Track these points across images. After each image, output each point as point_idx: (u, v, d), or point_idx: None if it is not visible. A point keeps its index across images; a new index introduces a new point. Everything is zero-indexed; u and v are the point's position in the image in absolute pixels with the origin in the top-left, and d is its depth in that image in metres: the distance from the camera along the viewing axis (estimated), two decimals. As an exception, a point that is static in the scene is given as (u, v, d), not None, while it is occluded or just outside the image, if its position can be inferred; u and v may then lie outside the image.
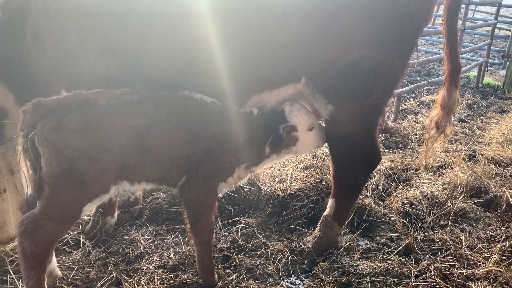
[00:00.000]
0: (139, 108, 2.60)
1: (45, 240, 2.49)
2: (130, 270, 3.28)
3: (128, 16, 2.64)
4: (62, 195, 2.48)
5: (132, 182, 2.70)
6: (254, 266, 3.40)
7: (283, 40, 2.79)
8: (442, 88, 3.42)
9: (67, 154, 2.39)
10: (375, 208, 4.18)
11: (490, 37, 11.26)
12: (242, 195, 4.20)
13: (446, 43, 3.34)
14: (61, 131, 2.38)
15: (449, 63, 3.36)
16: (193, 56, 2.73)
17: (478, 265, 3.47)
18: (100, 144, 2.45)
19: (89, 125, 2.43)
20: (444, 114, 3.35)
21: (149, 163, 2.67)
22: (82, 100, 2.49)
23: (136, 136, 2.55)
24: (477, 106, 8.56)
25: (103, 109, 2.48)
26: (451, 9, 3.26)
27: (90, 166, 2.45)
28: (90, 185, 2.50)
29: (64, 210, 2.52)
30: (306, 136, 3.11)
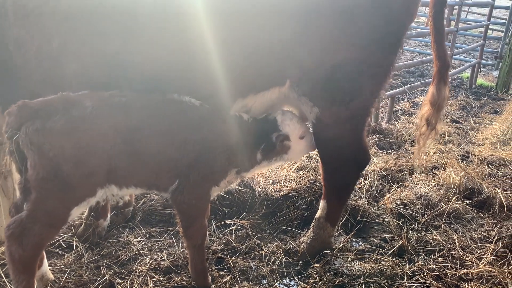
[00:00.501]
0: (127, 111, 2.55)
1: (33, 244, 2.46)
2: (123, 272, 3.25)
3: (111, 19, 2.59)
4: (49, 198, 2.45)
5: (120, 186, 2.66)
6: (248, 268, 3.39)
7: (266, 43, 2.77)
8: (431, 85, 3.43)
9: (52, 156, 2.35)
10: (369, 209, 4.19)
11: (483, 38, 11.34)
12: (236, 196, 4.20)
13: (433, 41, 3.34)
14: (46, 133, 2.34)
15: (437, 60, 3.37)
16: (176, 60, 2.70)
17: (471, 265, 3.48)
18: (85, 147, 2.41)
19: (74, 127, 2.39)
20: (434, 111, 3.35)
21: (137, 167, 2.63)
22: (67, 102, 2.45)
23: (123, 139, 2.51)
24: (471, 107, 8.60)
25: (89, 111, 2.44)
26: (437, 7, 3.26)
27: (75, 169, 2.41)
28: (76, 188, 2.47)
29: (51, 214, 2.49)
30: (297, 144, 3.13)
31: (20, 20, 2.60)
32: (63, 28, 2.60)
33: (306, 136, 3.17)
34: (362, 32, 2.88)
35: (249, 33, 2.73)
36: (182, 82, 2.78)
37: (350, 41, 2.88)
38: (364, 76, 3.00)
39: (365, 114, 3.21)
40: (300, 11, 2.75)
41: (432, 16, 3.28)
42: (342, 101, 3.01)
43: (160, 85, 2.74)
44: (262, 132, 3.02)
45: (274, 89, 3.02)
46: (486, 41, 11.62)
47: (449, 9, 13.20)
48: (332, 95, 2.99)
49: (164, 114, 2.68)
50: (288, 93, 3.07)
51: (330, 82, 2.95)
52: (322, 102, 3.04)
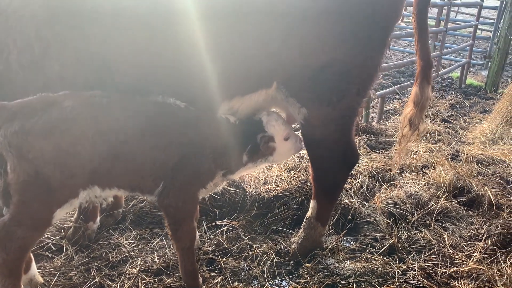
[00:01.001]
0: (108, 112, 2.51)
1: (17, 247, 2.42)
2: (114, 274, 3.23)
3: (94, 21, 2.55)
4: (31, 201, 2.41)
5: (103, 188, 2.61)
6: (239, 269, 3.39)
7: (252, 45, 2.75)
8: (414, 84, 3.44)
9: (32, 159, 2.32)
10: (360, 208, 4.20)
11: (472, 38, 11.44)
12: (227, 197, 4.18)
13: (417, 40, 3.36)
14: (25, 135, 2.30)
15: (420, 59, 3.37)
16: (161, 62, 2.67)
17: (461, 263, 3.51)
18: (66, 148, 2.37)
19: (53, 128, 2.35)
20: (417, 111, 3.36)
21: (120, 168, 2.59)
22: (47, 102, 2.40)
23: (105, 141, 2.47)
24: (460, 106, 8.68)
25: (68, 111, 2.39)
26: (420, 6, 3.27)
27: (56, 170, 2.37)
28: (57, 190, 2.43)
29: (34, 216, 2.45)
30: (282, 146, 3.11)
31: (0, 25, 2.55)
32: (44, 31, 2.55)
33: (291, 138, 3.15)
34: (348, 33, 2.88)
35: (235, 35, 2.71)
36: (168, 84, 2.75)
37: (336, 41, 2.88)
38: (351, 76, 3.00)
39: (353, 114, 3.22)
40: (285, 13, 2.74)
41: (415, 15, 3.29)
42: (329, 102, 3.02)
43: (145, 87, 2.71)
44: (248, 133, 3.00)
45: (261, 91, 3.01)
46: (475, 41, 11.72)
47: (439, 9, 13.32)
48: (319, 96, 3.00)
49: (147, 116, 2.63)
50: (275, 95, 3.07)
51: (318, 82, 2.96)
52: (309, 103, 3.04)
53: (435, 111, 7.98)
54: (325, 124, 3.13)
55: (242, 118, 3.07)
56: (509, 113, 7.00)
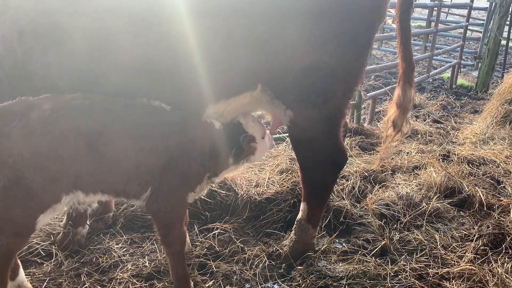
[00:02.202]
0: (90, 114, 2.45)
1: (1, 254, 2.38)
2: (104, 280, 3.20)
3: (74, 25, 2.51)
4: (12, 207, 2.35)
5: (87, 193, 2.56)
6: (231, 272, 3.37)
7: (235, 47, 2.73)
8: (397, 87, 3.44)
9: (12, 163, 2.26)
10: (352, 210, 4.20)
11: (462, 39, 11.53)
12: (218, 200, 4.16)
13: (399, 42, 3.34)
14: (3, 140, 2.25)
15: (403, 61, 3.37)
16: (146, 64, 2.64)
17: (453, 264, 3.52)
18: (46, 152, 2.32)
19: (32, 131, 2.29)
20: (400, 113, 3.36)
21: (103, 172, 2.54)
22: (26, 106, 2.35)
23: (87, 143, 2.41)
24: (451, 107, 8.73)
25: (48, 113, 2.33)
26: (403, 7, 3.26)
27: (37, 175, 2.32)
28: (39, 195, 2.37)
29: (16, 223, 2.39)
30: (261, 144, 3.16)
31: None
32: (25, 36, 2.51)
33: (266, 136, 3.22)
34: (331, 34, 2.87)
35: (219, 37, 2.68)
36: (152, 88, 2.71)
37: (319, 43, 2.87)
38: (336, 77, 3.00)
39: (339, 116, 3.21)
40: (268, 14, 2.72)
41: (398, 16, 3.28)
42: (315, 103, 3.01)
43: (129, 91, 2.67)
44: (231, 136, 3.01)
45: (246, 94, 2.99)
46: (465, 42, 11.82)
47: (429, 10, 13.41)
48: (304, 98, 2.99)
49: (131, 118, 2.58)
50: (260, 97, 3.06)
51: (302, 84, 2.95)
52: (295, 105, 3.03)
53: (426, 111, 8.03)
54: (311, 125, 3.13)
55: (223, 122, 3.07)
56: (499, 113, 7.05)
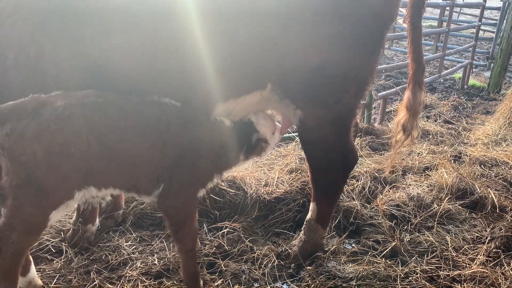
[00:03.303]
0: (102, 111, 2.45)
1: (13, 252, 2.38)
2: (113, 277, 3.21)
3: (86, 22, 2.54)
4: (25, 205, 2.36)
5: (99, 188, 2.57)
6: (240, 272, 3.36)
7: (246, 47, 2.73)
8: (406, 89, 3.39)
9: (24, 162, 2.27)
10: (362, 210, 4.17)
11: (475, 39, 11.40)
12: (228, 199, 4.16)
13: (410, 42, 3.28)
14: (16, 138, 2.25)
15: (413, 62, 3.30)
16: (155, 63, 2.64)
17: (464, 266, 3.47)
18: (58, 149, 2.32)
19: (44, 129, 2.29)
20: (410, 116, 3.30)
21: (115, 169, 2.55)
22: (38, 103, 2.35)
23: (98, 140, 2.42)
24: (463, 108, 8.64)
25: (60, 111, 2.33)
26: (415, 7, 3.21)
27: (49, 172, 2.32)
28: (52, 193, 2.38)
29: (28, 220, 2.40)
30: (272, 140, 3.22)
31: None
32: (38, 35, 2.53)
33: (276, 130, 3.27)
34: (342, 34, 2.85)
35: (229, 36, 2.68)
36: (161, 86, 2.72)
37: (330, 43, 2.85)
38: (347, 77, 2.97)
39: (350, 116, 3.18)
40: (280, 14, 2.72)
41: (410, 16, 3.23)
42: (325, 104, 2.99)
43: (139, 89, 2.68)
44: (242, 134, 3.03)
45: (256, 93, 2.98)
46: (477, 42, 11.69)
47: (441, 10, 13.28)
48: (314, 98, 2.97)
49: (142, 115, 2.59)
50: (269, 96, 3.04)
51: (312, 84, 2.93)
52: (304, 105, 3.02)
53: (437, 112, 7.95)
54: (321, 126, 3.10)
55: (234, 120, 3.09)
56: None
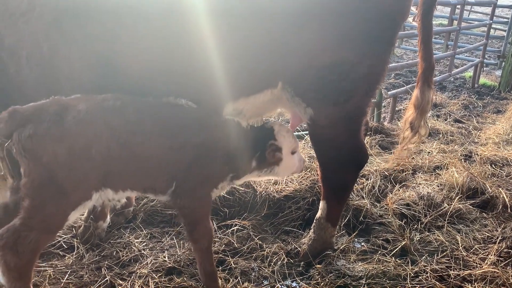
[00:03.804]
0: (121, 114, 2.51)
1: (29, 251, 2.40)
2: (124, 273, 3.24)
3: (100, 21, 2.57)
4: (45, 205, 2.39)
5: (116, 190, 2.61)
6: (249, 269, 3.37)
7: (257, 45, 2.73)
8: (415, 88, 3.38)
9: (45, 163, 2.30)
10: (371, 209, 4.16)
11: (486, 38, 11.31)
12: (237, 197, 4.17)
13: (420, 40, 3.28)
14: (38, 139, 2.29)
15: (422, 61, 3.30)
16: (166, 61, 2.67)
17: (475, 266, 3.45)
18: (79, 151, 2.36)
19: (66, 131, 2.34)
20: (417, 114, 3.29)
21: (134, 170, 2.59)
22: (60, 106, 2.40)
23: (118, 143, 2.46)
24: (473, 107, 8.57)
25: (82, 114, 2.39)
26: (426, 5, 3.20)
27: (70, 174, 2.36)
28: (71, 193, 2.42)
29: (48, 220, 2.43)
30: (288, 159, 3.04)
31: (9, 28, 2.59)
32: (51, 33, 2.57)
33: (297, 153, 3.11)
34: (354, 32, 2.84)
35: (241, 35, 2.69)
36: (172, 84, 2.74)
37: (342, 41, 2.85)
38: (358, 75, 2.96)
39: (361, 114, 3.17)
40: (291, 12, 2.72)
41: (421, 14, 3.21)
42: (336, 102, 2.98)
43: (150, 87, 2.70)
44: (258, 139, 2.96)
45: (267, 91, 2.99)
46: (488, 40, 11.58)
47: (451, 8, 13.17)
48: (326, 96, 2.96)
49: (160, 117, 2.63)
50: (280, 95, 3.04)
51: (324, 82, 2.92)
52: (315, 103, 3.01)
53: (447, 111, 7.89)
54: (332, 124, 3.10)
55: (253, 124, 3.07)
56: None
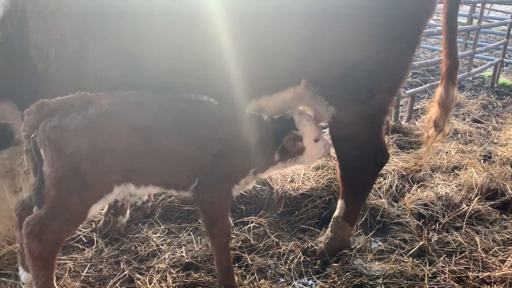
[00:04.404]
0: (143, 110, 2.56)
1: (52, 240, 2.48)
2: (142, 268, 3.28)
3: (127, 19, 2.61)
4: (68, 196, 2.46)
5: (138, 185, 2.66)
6: (265, 266, 3.38)
7: (281, 43, 2.74)
8: (439, 85, 3.34)
9: (69, 154, 2.38)
10: (389, 209, 4.13)
11: (506, 36, 11.08)
12: (254, 194, 4.19)
13: (445, 38, 3.23)
14: (63, 131, 2.36)
15: (447, 58, 3.25)
16: (191, 60, 2.70)
17: (494, 268, 3.41)
18: (102, 144, 2.42)
19: (90, 124, 2.40)
20: (442, 112, 3.25)
21: (155, 165, 2.63)
22: (85, 101, 2.48)
23: (140, 138, 2.51)
24: (492, 106, 8.43)
25: (105, 108, 2.45)
26: (451, 3, 3.15)
27: (92, 166, 2.43)
28: (94, 185, 2.49)
29: (70, 211, 2.51)
30: (312, 147, 3.07)
31: (38, 25, 2.66)
32: (79, 30, 2.63)
33: (321, 140, 3.12)
34: (379, 30, 2.82)
35: (265, 34, 2.70)
36: (197, 82, 2.78)
37: (366, 39, 2.83)
38: (382, 74, 2.94)
39: (383, 113, 3.16)
40: (315, 11, 2.72)
41: (446, 12, 3.17)
42: (359, 100, 2.97)
43: (175, 84, 2.75)
44: (279, 132, 2.97)
45: (289, 89, 2.99)
46: (509, 39, 11.36)
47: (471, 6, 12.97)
48: (348, 94, 2.95)
49: (181, 113, 2.67)
50: (303, 93, 3.04)
51: (347, 80, 2.91)
52: (338, 101, 3.00)
53: (465, 110, 7.78)
54: (354, 122, 3.08)
55: (274, 116, 3.07)
56: (545, 114, 6.76)
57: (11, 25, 2.74)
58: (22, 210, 2.71)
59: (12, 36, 2.76)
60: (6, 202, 3.31)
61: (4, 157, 3.18)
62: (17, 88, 2.92)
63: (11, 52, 2.80)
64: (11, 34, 2.76)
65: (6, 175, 3.25)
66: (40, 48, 2.69)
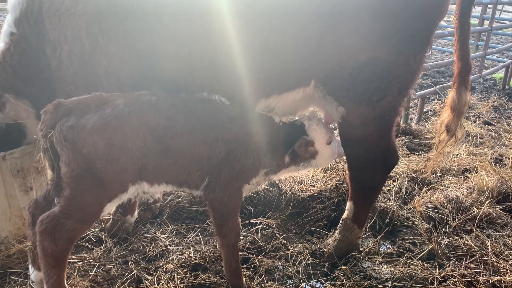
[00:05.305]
0: (157, 109, 2.59)
1: (66, 238, 2.51)
2: (151, 268, 3.29)
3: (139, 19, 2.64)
4: (83, 195, 2.49)
5: (152, 183, 2.69)
6: (274, 268, 3.38)
7: (291, 44, 2.74)
8: (451, 88, 3.30)
9: (85, 153, 2.41)
10: (398, 211, 4.10)
11: (518, 38, 10.97)
12: (262, 195, 4.18)
13: (457, 40, 3.19)
14: (79, 130, 2.40)
15: (459, 61, 3.21)
16: (201, 59, 2.72)
17: (505, 272, 3.37)
18: (117, 144, 2.46)
19: (106, 124, 2.44)
20: (454, 116, 3.22)
21: (168, 164, 2.66)
22: (101, 100, 2.52)
23: (154, 137, 2.54)
24: (504, 109, 8.33)
25: (121, 108, 2.49)
26: (464, 4, 3.11)
27: (108, 165, 2.46)
28: (109, 185, 2.51)
29: (85, 210, 2.53)
30: (325, 150, 3.10)
31: (53, 24, 2.70)
32: (92, 29, 2.66)
33: (332, 142, 3.14)
34: (390, 31, 2.81)
35: (275, 33, 2.71)
36: (206, 81, 2.80)
37: (377, 40, 2.82)
38: (393, 75, 2.92)
39: (393, 114, 3.13)
40: (325, 11, 2.71)
41: (458, 13, 3.14)
42: (369, 101, 2.95)
43: (186, 83, 2.77)
44: (290, 136, 3.01)
45: (299, 90, 2.99)
46: (521, 41, 11.25)
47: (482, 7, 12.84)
48: (358, 95, 2.94)
49: (194, 112, 2.70)
50: (312, 93, 3.04)
51: (357, 81, 2.90)
52: (348, 101, 2.99)
53: (476, 113, 7.71)
54: (364, 123, 3.06)
55: (285, 120, 3.09)
56: (557, 116, 6.66)
57: (27, 24, 2.78)
58: (35, 208, 2.74)
59: (29, 35, 2.80)
60: (17, 201, 3.34)
61: (15, 156, 3.21)
62: (32, 87, 2.96)
63: (27, 51, 2.84)
64: (28, 33, 2.80)
65: (17, 174, 3.27)
66: (54, 46, 2.72)
